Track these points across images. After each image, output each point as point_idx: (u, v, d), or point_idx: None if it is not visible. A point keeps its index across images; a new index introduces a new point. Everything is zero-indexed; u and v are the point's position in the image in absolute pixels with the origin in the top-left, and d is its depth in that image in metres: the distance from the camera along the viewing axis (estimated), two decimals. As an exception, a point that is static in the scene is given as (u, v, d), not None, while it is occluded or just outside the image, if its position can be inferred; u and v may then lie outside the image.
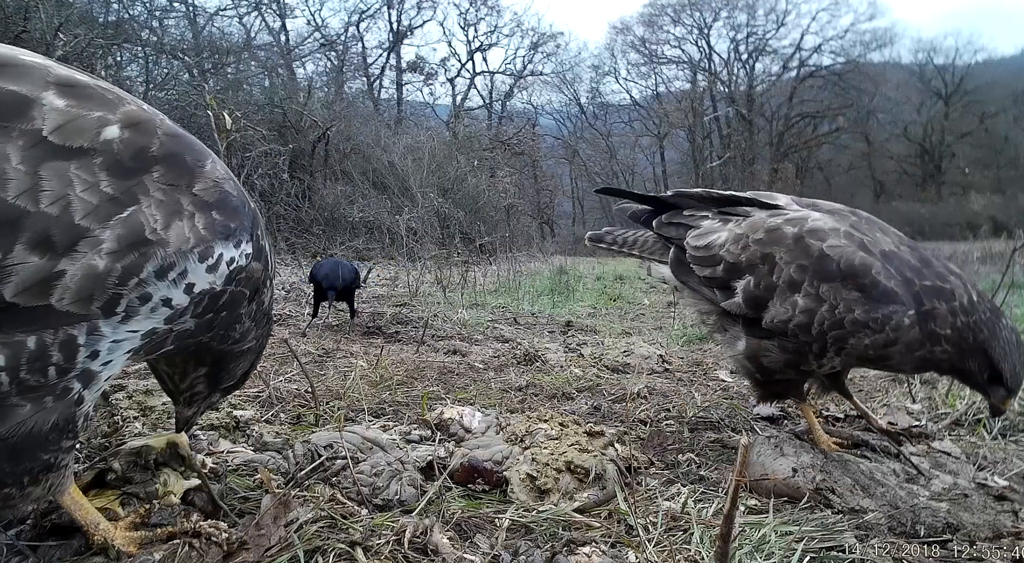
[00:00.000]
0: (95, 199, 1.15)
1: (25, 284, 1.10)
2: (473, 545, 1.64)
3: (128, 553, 1.42)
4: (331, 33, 30.06)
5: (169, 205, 1.23)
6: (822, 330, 2.12)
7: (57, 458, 1.32)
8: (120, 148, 1.19)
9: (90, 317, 1.18)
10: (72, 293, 1.14)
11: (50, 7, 10.32)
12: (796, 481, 2.04)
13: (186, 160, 1.30)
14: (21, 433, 1.21)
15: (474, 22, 35.84)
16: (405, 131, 20.27)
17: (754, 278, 2.25)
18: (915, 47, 46.98)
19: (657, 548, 1.65)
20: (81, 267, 1.13)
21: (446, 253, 11.86)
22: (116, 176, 1.18)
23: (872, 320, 2.05)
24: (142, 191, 1.20)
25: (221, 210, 1.33)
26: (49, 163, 1.12)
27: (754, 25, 38.56)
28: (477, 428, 2.42)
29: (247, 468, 1.98)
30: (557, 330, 5.71)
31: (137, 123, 1.24)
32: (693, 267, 2.46)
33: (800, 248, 2.18)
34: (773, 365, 2.31)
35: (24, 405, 1.20)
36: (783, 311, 2.18)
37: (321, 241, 13.14)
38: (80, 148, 1.15)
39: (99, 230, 1.15)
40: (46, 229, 1.10)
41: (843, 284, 2.09)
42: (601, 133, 40.13)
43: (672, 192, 2.72)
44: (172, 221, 1.23)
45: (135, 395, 2.37)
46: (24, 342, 1.14)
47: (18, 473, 1.27)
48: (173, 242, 1.23)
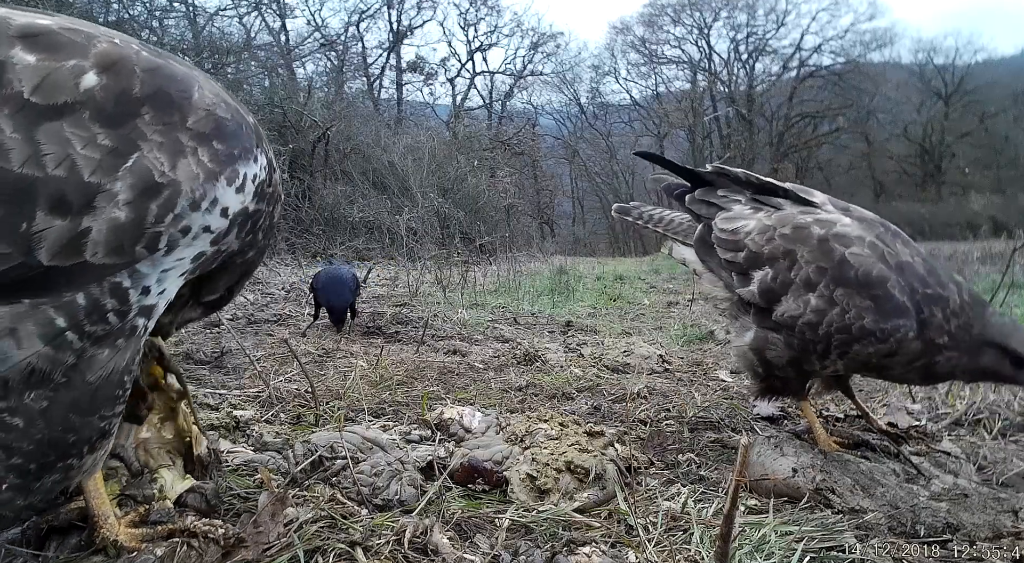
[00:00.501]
0: (97, 154, 1.14)
1: (56, 247, 1.12)
2: (473, 545, 1.64)
3: (131, 548, 1.43)
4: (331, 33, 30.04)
5: (169, 145, 1.22)
6: (829, 332, 2.16)
7: (111, 424, 1.37)
8: (102, 96, 1.17)
9: (130, 262, 1.22)
10: (104, 246, 1.16)
11: (50, 7, 10.33)
12: (796, 481, 2.04)
13: (172, 95, 1.26)
14: (104, 376, 1.29)
15: (474, 22, 35.86)
16: (405, 131, 20.27)
17: (773, 271, 2.29)
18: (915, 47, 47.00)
19: (657, 548, 1.65)
20: (105, 221, 1.15)
21: (446, 253, 11.86)
22: (108, 126, 1.17)
23: (879, 330, 2.09)
24: (139, 136, 1.19)
25: (220, 139, 1.31)
26: (41, 126, 1.11)
27: (754, 25, 38.60)
28: (477, 428, 2.42)
29: (247, 468, 1.99)
30: (557, 330, 5.71)
31: (112, 64, 1.20)
32: (717, 248, 2.49)
33: (823, 250, 2.21)
34: (776, 360, 2.33)
35: (102, 351, 1.27)
36: (795, 307, 2.22)
37: (321, 241, 13.14)
38: (65, 104, 1.13)
39: (110, 183, 1.15)
40: (60, 191, 1.11)
41: (858, 291, 2.13)
42: (601, 133, 40.15)
43: (712, 168, 2.72)
44: (177, 160, 1.23)
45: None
46: (75, 300, 1.19)
47: (86, 434, 1.31)
48: (184, 181, 1.23)
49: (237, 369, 3.53)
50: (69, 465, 1.33)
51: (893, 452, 2.31)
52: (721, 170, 2.68)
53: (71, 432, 1.29)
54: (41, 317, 1.16)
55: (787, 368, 2.34)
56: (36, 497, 1.33)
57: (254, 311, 5.79)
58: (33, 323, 1.16)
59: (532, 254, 15.58)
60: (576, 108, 40.86)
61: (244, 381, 3.24)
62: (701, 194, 2.67)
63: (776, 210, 2.44)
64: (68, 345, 1.21)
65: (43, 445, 1.26)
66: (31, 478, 1.28)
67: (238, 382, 3.22)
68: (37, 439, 1.24)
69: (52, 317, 1.17)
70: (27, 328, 1.16)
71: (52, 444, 1.27)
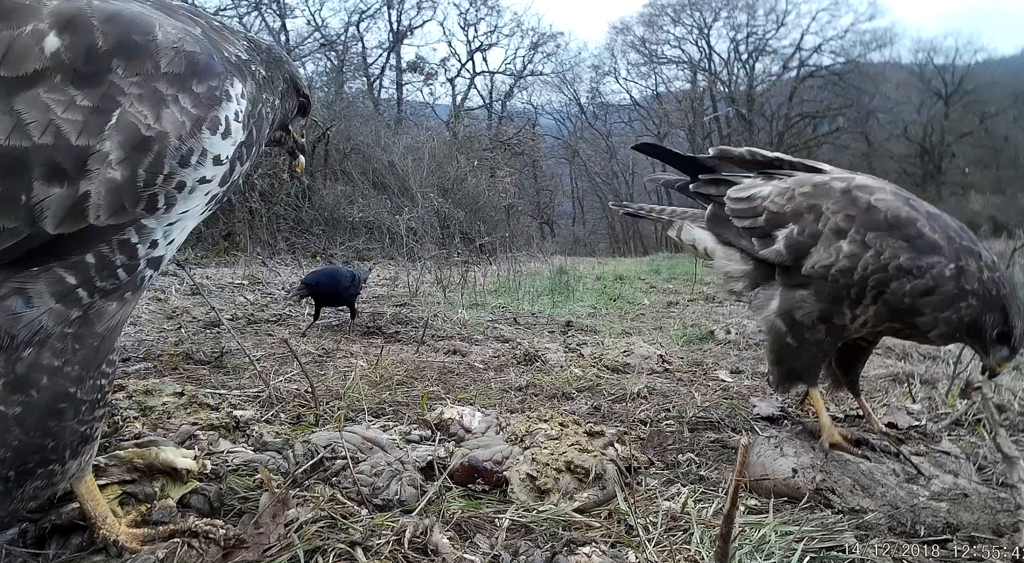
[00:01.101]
0: (79, 116, 1.13)
1: (60, 214, 1.12)
2: (473, 545, 1.64)
3: (131, 549, 1.42)
4: (331, 33, 30.00)
5: (149, 95, 1.20)
6: (864, 275, 2.16)
7: (92, 428, 1.37)
8: (70, 56, 1.14)
9: (134, 219, 1.23)
10: (106, 208, 1.16)
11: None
12: (796, 481, 2.04)
13: (137, 41, 1.23)
14: (111, 326, 1.32)
15: (474, 22, 35.81)
16: (405, 131, 20.27)
17: (798, 226, 2.31)
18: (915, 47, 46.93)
19: (657, 548, 1.65)
20: (102, 183, 1.15)
21: (446, 253, 11.85)
22: (84, 86, 1.15)
23: (916, 267, 2.12)
24: (117, 92, 1.17)
25: (197, 77, 1.28)
26: (17, 97, 1.10)
27: (754, 25, 38.57)
28: (477, 428, 2.42)
29: (247, 468, 1.98)
30: (557, 330, 5.71)
31: (69, 21, 1.16)
32: (732, 220, 2.51)
33: (848, 199, 2.25)
34: (806, 319, 2.29)
35: (111, 303, 1.29)
36: (826, 256, 2.23)
37: (321, 241, 13.13)
38: (35, 72, 1.11)
39: (98, 143, 1.14)
40: (52, 158, 1.11)
41: (889, 233, 2.16)
42: (601, 133, 40.12)
43: (714, 151, 2.75)
44: (160, 111, 1.21)
45: (135, 395, 2.37)
46: (84, 260, 1.20)
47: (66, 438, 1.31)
48: (171, 130, 1.22)
49: (237, 369, 3.53)
50: (52, 471, 1.32)
51: (893, 452, 2.31)
52: (724, 152, 2.72)
53: (49, 437, 1.27)
54: (51, 276, 1.18)
55: (817, 327, 2.29)
56: (20, 504, 1.32)
57: (254, 311, 5.78)
58: (44, 282, 1.17)
59: (532, 254, 15.57)
60: (576, 108, 40.89)
61: (244, 381, 3.24)
62: (706, 178, 2.71)
63: (788, 177, 2.49)
64: (78, 301, 1.22)
65: (23, 451, 1.25)
66: (12, 485, 1.27)
67: (238, 382, 3.22)
68: (15, 446, 1.23)
69: (62, 276, 1.19)
70: (37, 287, 1.17)
71: (32, 449, 1.26)
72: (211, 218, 11.37)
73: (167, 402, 2.32)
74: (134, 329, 4.50)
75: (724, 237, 2.58)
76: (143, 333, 4.43)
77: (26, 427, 1.23)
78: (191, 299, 6.08)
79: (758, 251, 2.42)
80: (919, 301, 2.15)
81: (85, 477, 1.43)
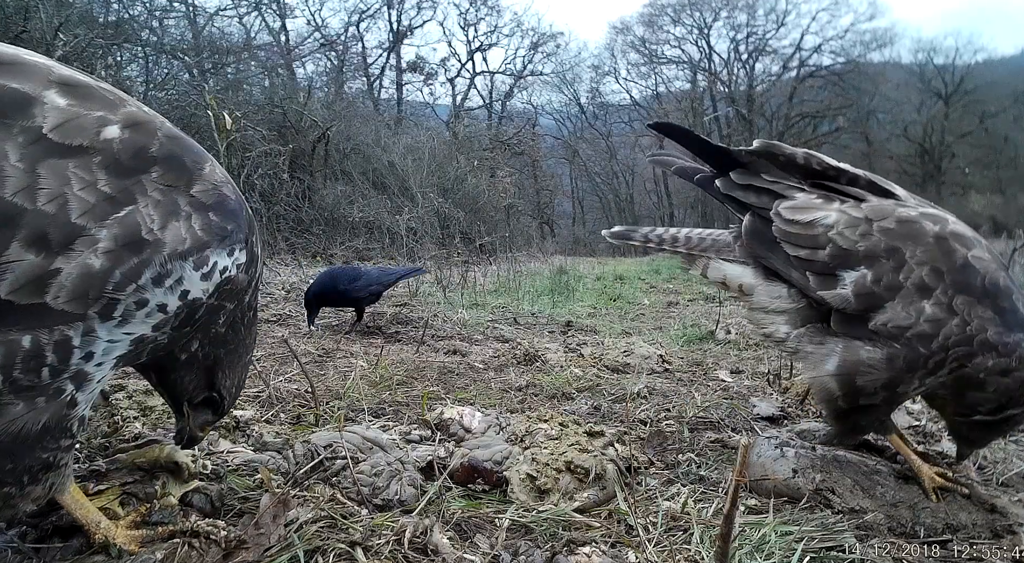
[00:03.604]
0: (92, 198, 1.14)
1: (20, 281, 1.09)
2: (473, 545, 1.64)
3: (130, 551, 1.42)
4: (331, 33, 30.02)
5: (166, 205, 1.23)
6: (945, 345, 1.90)
7: (56, 457, 1.32)
8: (120, 147, 1.19)
9: (86, 318, 1.18)
10: (68, 292, 1.13)
11: (50, 7, 10.32)
12: (796, 481, 2.04)
13: (185, 162, 1.30)
14: (12, 431, 1.20)
15: (474, 22, 35.81)
16: (405, 131, 20.25)
17: (873, 272, 1.96)
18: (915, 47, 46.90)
19: (657, 548, 1.65)
20: (77, 266, 1.13)
21: (446, 253, 11.85)
22: (114, 175, 1.17)
23: (1003, 344, 1.89)
24: (140, 191, 1.20)
25: (218, 212, 1.32)
26: (47, 161, 1.11)
27: (754, 25, 38.56)
28: (477, 428, 2.42)
29: (247, 468, 1.98)
30: (557, 330, 5.71)
31: (138, 123, 1.24)
32: (784, 244, 2.10)
33: (942, 251, 1.93)
34: (869, 386, 1.98)
35: (17, 403, 1.19)
36: (904, 316, 1.92)
37: (321, 241, 13.11)
38: (80, 146, 1.15)
39: (95, 229, 1.14)
40: (42, 227, 1.10)
41: (980, 301, 1.90)
42: (601, 133, 40.12)
43: (759, 144, 2.24)
44: (169, 221, 1.23)
45: (135, 395, 2.37)
46: (19, 341, 1.13)
47: (17, 472, 1.26)
48: (169, 243, 1.23)
49: (237, 369, 3.53)
50: (8, 493, 1.28)
51: (893, 452, 2.31)
52: (771, 149, 2.23)
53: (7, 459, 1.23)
54: None
55: (879, 392, 1.99)
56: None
57: (254, 311, 5.78)
58: None
59: (532, 254, 15.58)
60: (576, 108, 40.89)
61: (244, 381, 3.24)
62: (740, 177, 2.23)
63: (858, 200, 2.09)
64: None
65: None
66: None
67: (238, 382, 3.22)
68: None
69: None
70: None
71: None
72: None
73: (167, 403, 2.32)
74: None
75: (768, 263, 2.16)
76: (143, 333, 4.43)
77: None
78: (191, 299, 6.06)
79: (815, 292, 2.04)
80: (991, 378, 1.94)
81: (65, 491, 1.41)
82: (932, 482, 2.00)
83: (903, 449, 2.12)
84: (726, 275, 2.28)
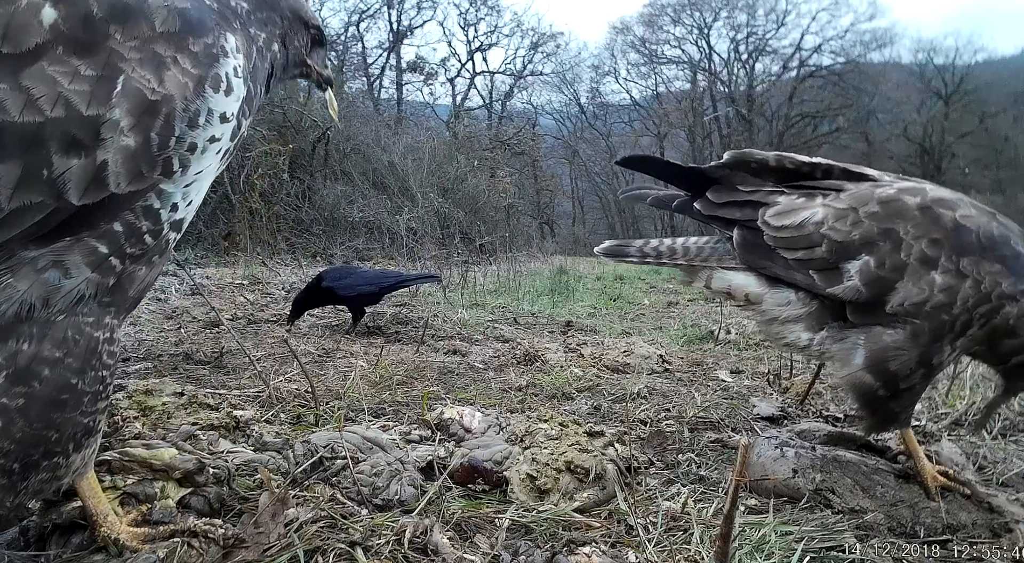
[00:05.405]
0: (86, 86, 1.14)
1: (82, 186, 1.14)
2: (473, 545, 1.64)
3: (133, 548, 1.42)
4: (331, 33, 29.99)
5: (148, 59, 1.21)
6: (966, 307, 1.92)
7: (96, 420, 1.38)
8: (67, 27, 1.14)
9: (153, 186, 1.25)
10: (124, 176, 1.18)
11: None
12: (796, 481, 2.04)
13: (129, 4, 1.23)
14: (142, 289, 1.38)
15: (474, 22, 35.82)
16: (405, 131, 20.24)
17: (875, 258, 1.97)
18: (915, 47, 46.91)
19: (657, 548, 1.65)
20: (117, 151, 1.16)
21: (446, 253, 11.85)
22: (85, 55, 1.15)
23: (1020, 292, 1.91)
24: (117, 58, 1.18)
25: (191, 34, 1.28)
26: (24, 72, 1.10)
27: (754, 25, 38.56)
28: (477, 428, 2.43)
29: (247, 468, 1.98)
30: (557, 330, 5.71)
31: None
32: (779, 251, 2.10)
33: (929, 219, 1.96)
34: (903, 368, 1.97)
35: (141, 268, 1.34)
36: (917, 291, 1.93)
37: (321, 241, 13.11)
38: (37, 46, 1.11)
39: (108, 112, 1.15)
40: (66, 130, 1.12)
41: (983, 256, 1.92)
42: (601, 133, 40.13)
43: (730, 156, 2.24)
44: (162, 73, 1.22)
45: (135, 395, 2.37)
46: (112, 228, 1.23)
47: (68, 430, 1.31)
48: (176, 93, 1.23)
49: (237, 369, 3.53)
50: (56, 464, 1.33)
51: (893, 452, 2.31)
52: (742, 157, 2.23)
53: (53, 429, 1.28)
54: (84, 247, 1.22)
55: (916, 372, 1.98)
56: (25, 498, 1.32)
57: (254, 311, 5.78)
58: (78, 253, 1.21)
59: (532, 254, 15.58)
60: (576, 108, 40.88)
61: (244, 381, 3.24)
62: (718, 195, 2.23)
63: (837, 191, 2.11)
64: (112, 269, 1.26)
65: (26, 443, 1.25)
66: (17, 478, 1.27)
67: (238, 382, 3.22)
68: (18, 438, 1.24)
69: (95, 246, 1.23)
70: (73, 258, 1.20)
71: (36, 442, 1.27)
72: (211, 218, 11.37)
73: (167, 402, 2.32)
74: (134, 329, 4.50)
75: (769, 271, 2.14)
76: (143, 333, 4.43)
77: (29, 419, 1.24)
78: (191, 299, 6.08)
79: (824, 289, 2.03)
80: (1019, 323, 1.96)
81: (87, 474, 1.44)
82: (935, 481, 2.00)
83: (913, 445, 2.11)
84: (731, 284, 2.23)
